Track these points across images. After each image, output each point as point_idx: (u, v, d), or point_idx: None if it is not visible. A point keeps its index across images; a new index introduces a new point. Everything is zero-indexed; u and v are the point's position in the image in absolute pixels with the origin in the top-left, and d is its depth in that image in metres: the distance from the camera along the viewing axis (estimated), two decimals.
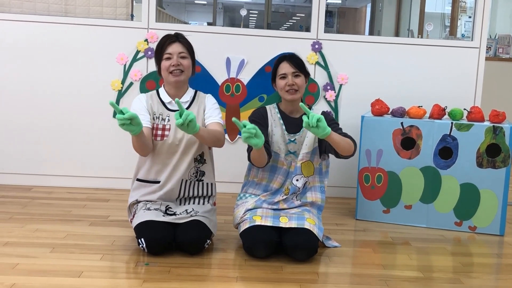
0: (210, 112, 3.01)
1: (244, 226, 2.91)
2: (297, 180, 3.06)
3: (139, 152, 2.89)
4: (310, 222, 2.90)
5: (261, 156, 2.85)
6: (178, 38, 2.97)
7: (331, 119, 3.07)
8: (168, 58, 2.92)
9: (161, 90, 3.03)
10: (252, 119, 3.06)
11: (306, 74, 3.08)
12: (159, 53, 2.97)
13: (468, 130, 3.46)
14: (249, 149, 2.95)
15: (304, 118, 2.69)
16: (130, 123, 2.62)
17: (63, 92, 4.04)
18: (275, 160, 3.03)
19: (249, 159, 2.98)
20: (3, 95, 4.02)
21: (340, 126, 3.08)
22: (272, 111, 3.10)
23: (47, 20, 4.02)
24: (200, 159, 3.00)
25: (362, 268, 2.84)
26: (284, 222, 2.90)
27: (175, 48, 2.93)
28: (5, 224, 3.20)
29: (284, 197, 3.05)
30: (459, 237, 3.44)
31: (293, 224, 2.88)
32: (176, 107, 2.95)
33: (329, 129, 2.73)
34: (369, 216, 3.65)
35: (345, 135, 2.98)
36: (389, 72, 4.12)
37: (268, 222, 2.88)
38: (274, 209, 3.02)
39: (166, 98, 3.00)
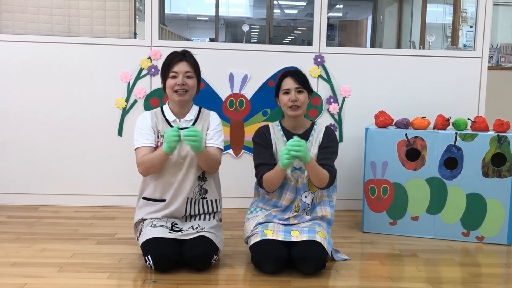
0: (212, 134, 3.01)
1: (255, 239, 2.90)
2: (305, 196, 3.05)
3: (150, 172, 2.91)
4: (321, 236, 2.89)
5: (279, 183, 2.93)
6: (185, 56, 2.98)
7: (331, 140, 3.06)
8: (174, 77, 2.93)
9: (166, 108, 3.04)
10: (256, 142, 3.07)
11: (310, 90, 3.09)
12: (165, 70, 2.98)
13: (473, 140, 3.45)
14: (261, 173, 2.96)
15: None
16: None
17: (68, 111, 4.06)
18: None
19: (259, 183, 2.99)
20: (9, 115, 4.05)
21: (333, 154, 3.06)
22: (275, 129, 3.10)
23: (51, 40, 4.06)
24: (202, 177, 3.00)
25: (370, 281, 2.83)
26: (296, 235, 2.89)
27: (181, 67, 2.94)
28: (12, 244, 3.20)
29: (295, 213, 3.05)
30: (467, 247, 3.43)
31: (304, 237, 2.87)
32: (179, 125, 2.97)
33: (308, 156, 2.82)
34: (375, 228, 3.64)
35: (328, 166, 2.98)
36: (392, 84, 4.14)
37: (280, 237, 2.88)
38: (285, 225, 3.02)
39: (170, 116, 3.00)
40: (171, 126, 2.97)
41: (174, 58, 2.96)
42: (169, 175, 2.95)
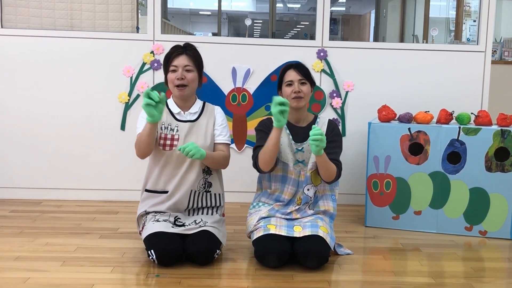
0: (220, 130, 3.02)
1: (258, 234, 2.90)
2: (308, 189, 3.05)
3: (142, 150, 2.87)
4: (324, 231, 2.89)
5: (272, 155, 2.87)
6: (185, 50, 2.97)
7: (335, 134, 3.06)
8: (174, 71, 2.94)
9: (170, 101, 3.04)
10: (259, 129, 3.07)
11: (312, 83, 3.09)
12: (166, 65, 2.99)
13: (476, 134, 3.45)
14: (256, 154, 2.96)
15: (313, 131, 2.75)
16: (156, 107, 2.70)
17: (71, 106, 4.06)
18: (285, 170, 3.03)
19: (256, 164, 2.97)
20: (11, 110, 4.05)
21: (338, 148, 3.06)
22: None
23: (53, 34, 4.06)
24: (207, 170, 3.00)
25: (373, 276, 2.83)
26: (298, 231, 2.90)
27: (181, 61, 2.94)
28: (15, 239, 3.21)
29: (297, 207, 3.05)
30: (470, 242, 3.42)
31: (307, 232, 2.87)
32: (184, 118, 2.98)
33: (322, 150, 2.81)
34: (378, 222, 3.64)
35: (335, 160, 2.98)
36: (395, 78, 4.13)
37: (283, 232, 2.88)
38: (287, 219, 3.02)
39: (175, 108, 3.00)
40: (175, 118, 2.98)
41: (174, 51, 2.96)
42: (172, 167, 2.95)
